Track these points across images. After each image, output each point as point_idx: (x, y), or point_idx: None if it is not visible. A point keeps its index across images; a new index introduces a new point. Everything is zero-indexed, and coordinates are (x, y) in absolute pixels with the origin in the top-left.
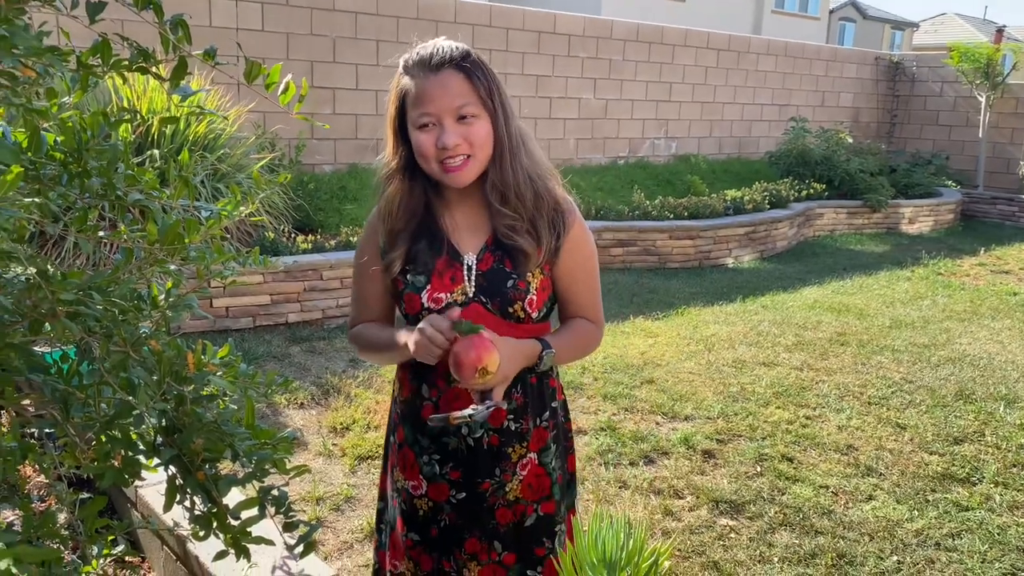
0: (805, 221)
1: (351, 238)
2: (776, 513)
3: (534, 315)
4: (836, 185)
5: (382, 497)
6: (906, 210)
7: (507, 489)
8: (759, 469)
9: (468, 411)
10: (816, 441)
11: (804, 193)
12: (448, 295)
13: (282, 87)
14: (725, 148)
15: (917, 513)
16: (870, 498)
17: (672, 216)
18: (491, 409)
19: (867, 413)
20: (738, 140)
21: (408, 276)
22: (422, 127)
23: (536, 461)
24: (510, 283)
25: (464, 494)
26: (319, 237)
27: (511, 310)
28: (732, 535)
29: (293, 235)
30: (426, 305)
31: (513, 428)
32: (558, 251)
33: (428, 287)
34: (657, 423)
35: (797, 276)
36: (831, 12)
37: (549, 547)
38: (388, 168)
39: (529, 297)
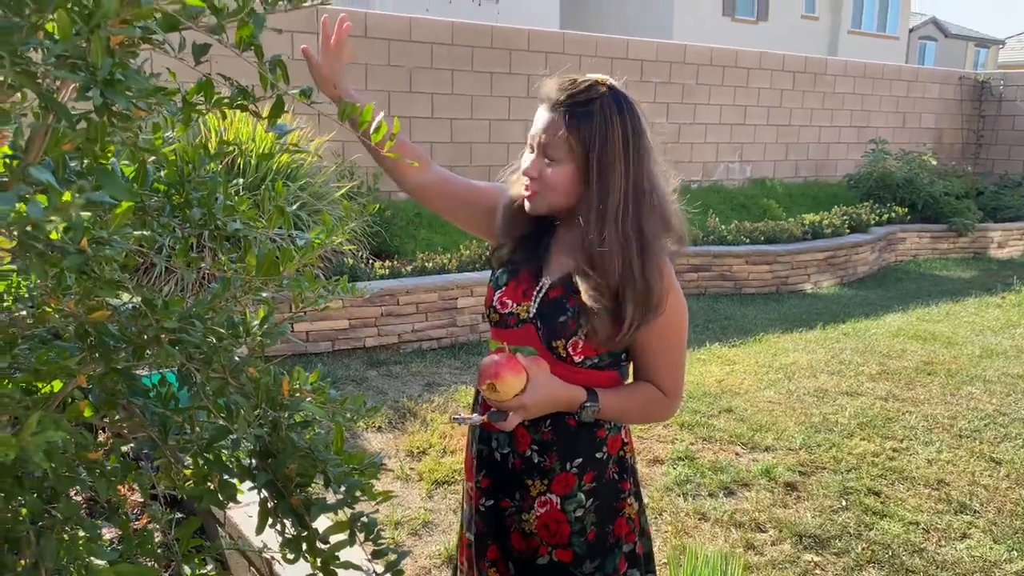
0: (887, 246)
1: (426, 264)
2: (863, 549)
3: (576, 359)
4: (919, 209)
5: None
6: (995, 234)
7: (523, 519)
8: (844, 503)
9: (461, 415)
10: (904, 475)
11: (885, 217)
12: (515, 306)
13: (374, 126)
14: (802, 171)
15: (1016, 554)
16: (964, 536)
17: (748, 241)
18: (472, 422)
19: (958, 446)
20: (815, 163)
21: (498, 269)
22: (528, 146)
23: (557, 505)
24: (562, 318)
25: (491, 502)
26: (395, 263)
27: (554, 344)
28: (817, 571)
29: (371, 261)
30: (494, 304)
31: (536, 461)
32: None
33: (504, 289)
34: (736, 453)
35: (879, 302)
36: (911, 31)
37: None
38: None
39: (574, 339)
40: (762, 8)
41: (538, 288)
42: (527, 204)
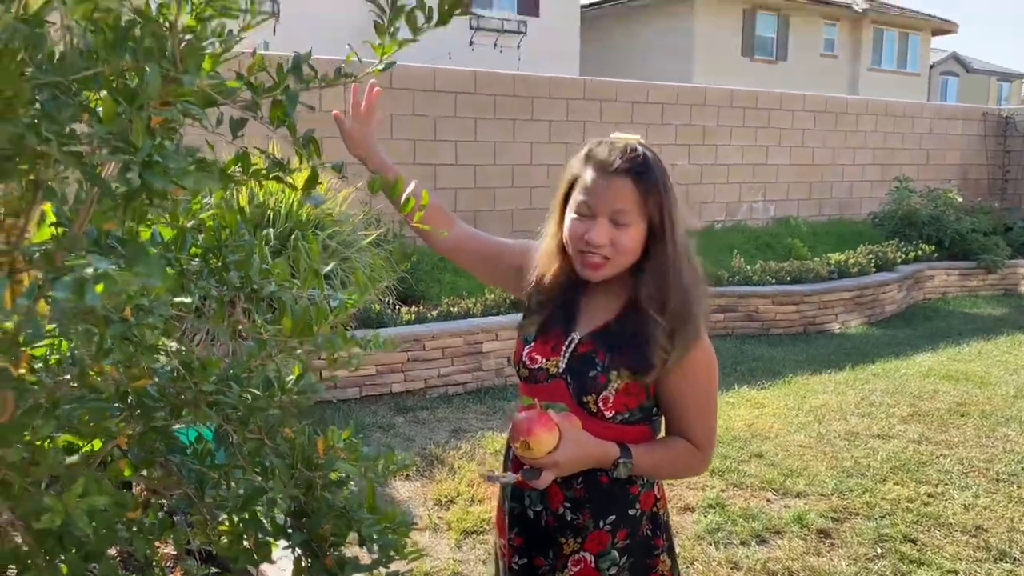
0: (915, 284)
1: (452, 309)
2: None
3: (607, 414)
4: (946, 246)
5: None
6: None
7: None
8: (879, 550)
9: (494, 474)
10: (940, 521)
11: (912, 255)
12: (544, 361)
13: (403, 198)
14: (826, 210)
15: None
16: None
17: (774, 281)
18: (506, 481)
19: (995, 491)
20: (839, 201)
21: (527, 324)
22: (579, 213)
23: (591, 564)
24: (592, 372)
25: (525, 560)
26: (421, 308)
27: (585, 399)
28: None
29: (397, 306)
30: (523, 359)
31: (568, 518)
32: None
33: (532, 344)
34: (768, 500)
35: (909, 342)
36: (932, 67)
37: None
38: (549, 241)
39: (605, 394)
40: (781, 48)
41: (567, 343)
42: (590, 273)
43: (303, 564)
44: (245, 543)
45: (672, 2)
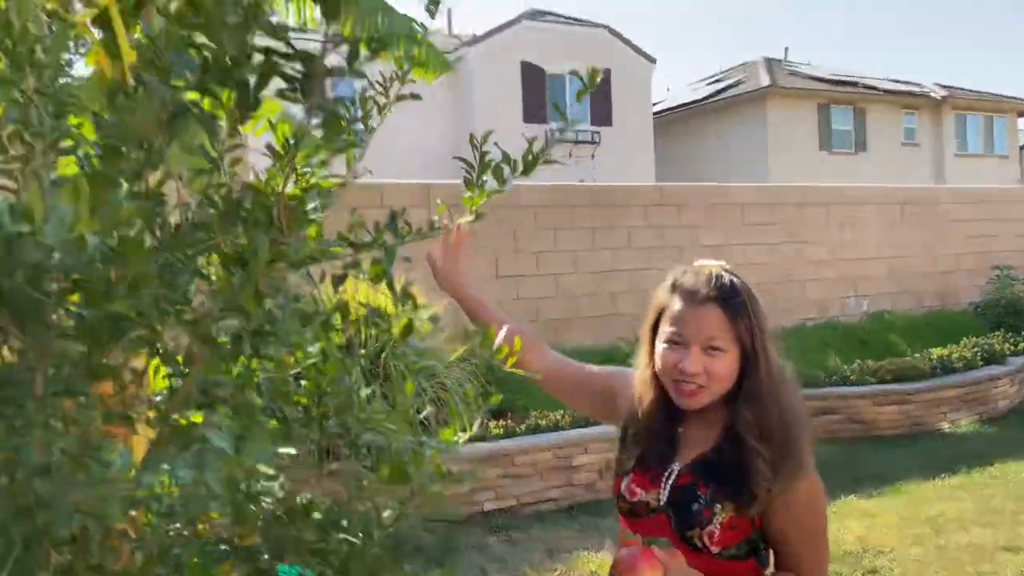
0: None
1: (540, 422)
2: None
3: (713, 549)
4: None
5: None
6: None
7: None
8: None
9: None
10: None
11: (1021, 346)
12: (644, 493)
13: (495, 344)
14: (923, 302)
15: None
16: None
17: (874, 380)
18: None
19: None
20: (935, 293)
21: (623, 456)
22: (670, 343)
23: None
24: (695, 506)
25: None
26: (509, 421)
27: (688, 534)
28: None
29: (485, 420)
30: (623, 492)
31: None
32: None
33: (631, 476)
34: None
35: None
36: (1022, 148)
37: None
38: (642, 371)
39: (710, 528)
40: (859, 140)
41: (667, 474)
42: (687, 401)
43: None
44: None
45: (744, 101)
